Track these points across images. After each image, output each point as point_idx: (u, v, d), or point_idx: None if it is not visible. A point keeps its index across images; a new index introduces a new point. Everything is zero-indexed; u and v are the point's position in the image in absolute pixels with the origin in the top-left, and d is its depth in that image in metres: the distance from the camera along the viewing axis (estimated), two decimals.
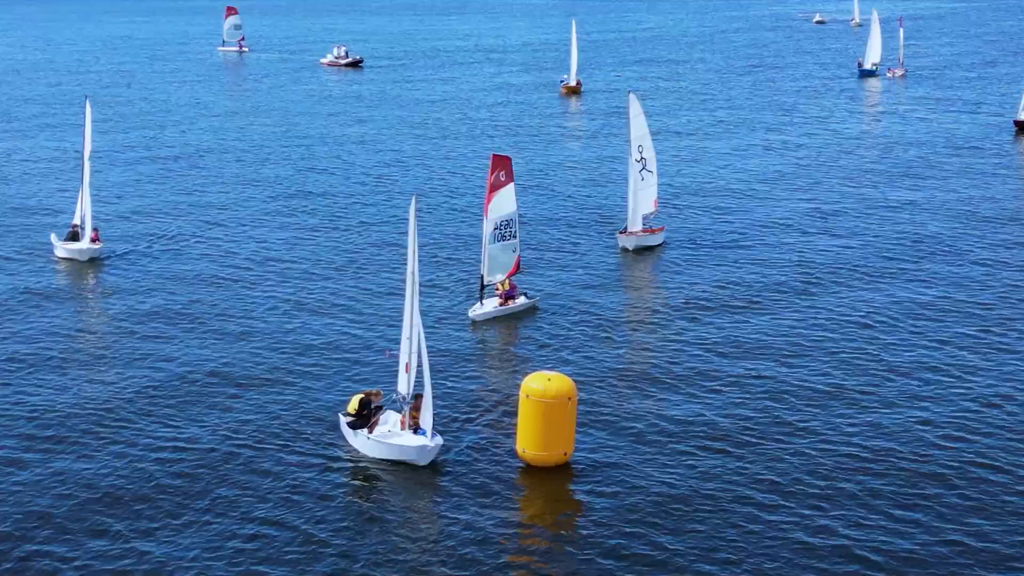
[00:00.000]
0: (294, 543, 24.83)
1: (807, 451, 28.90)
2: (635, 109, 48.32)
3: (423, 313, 39.77)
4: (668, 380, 33.71)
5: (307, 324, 39.37)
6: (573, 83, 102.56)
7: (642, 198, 48.70)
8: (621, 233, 48.91)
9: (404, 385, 29.51)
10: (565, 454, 28.28)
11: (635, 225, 48.77)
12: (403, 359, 29.56)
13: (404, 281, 42.44)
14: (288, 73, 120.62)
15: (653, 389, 33.08)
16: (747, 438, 29.69)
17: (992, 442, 29.13)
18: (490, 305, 40.42)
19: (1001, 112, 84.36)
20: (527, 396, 28.17)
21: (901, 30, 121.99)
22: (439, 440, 28.56)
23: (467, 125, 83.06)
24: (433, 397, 28.64)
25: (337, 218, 54.99)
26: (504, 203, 40.76)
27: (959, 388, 32.66)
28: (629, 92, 50.37)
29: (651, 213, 49.26)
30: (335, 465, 28.68)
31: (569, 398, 28.08)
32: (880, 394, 32.39)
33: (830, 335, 37.28)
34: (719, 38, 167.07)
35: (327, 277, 45.09)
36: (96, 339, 38.33)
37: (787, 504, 26.29)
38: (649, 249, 48.19)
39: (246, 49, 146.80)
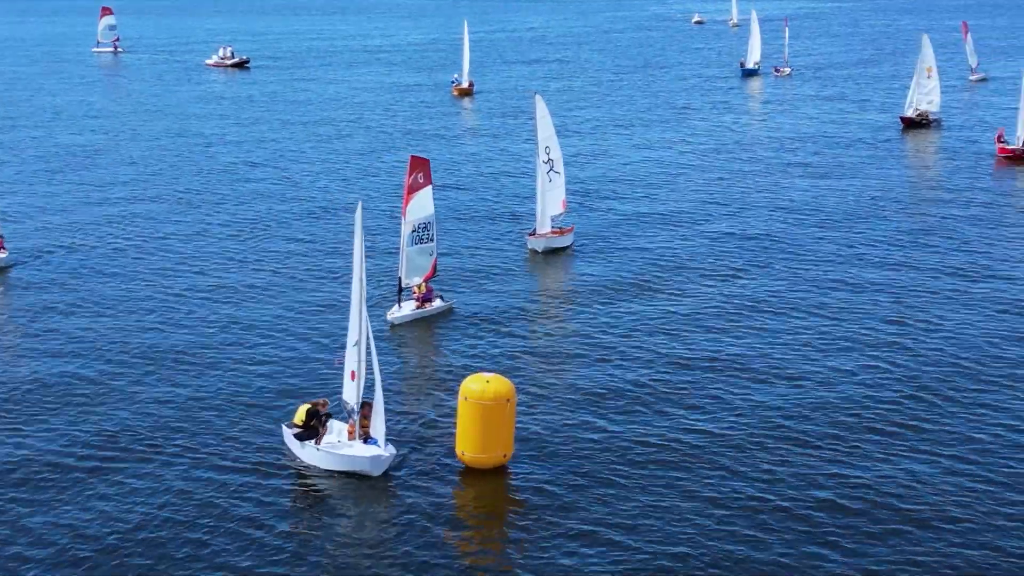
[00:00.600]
0: (242, 555, 24.32)
1: (748, 441, 29.17)
2: (541, 110, 48.09)
3: (342, 316, 39.76)
4: (597, 378, 33.78)
5: (236, 326, 38.68)
6: (465, 84, 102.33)
7: (550, 199, 48.48)
8: (530, 235, 48.65)
9: (350, 394, 28.88)
10: (504, 455, 28.14)
11: (544, 226, 48.56)
12: (348, 367, 28.90)
13: (335, 284, 43.06)
14: (173, 74, 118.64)
15: (582, 385, 33.14)
16: (684, 432, 29.87)
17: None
18: (407, 308, 40.04)
19: (887, 109, 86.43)
20: (465, 398, 27.96)
21: (787, 30, 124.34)
22: (392, 449, 28.04)
23: (366, 126, 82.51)
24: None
25: (250, 220, 54.22)
26: (422, 205, 40.43)
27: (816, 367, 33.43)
28: (535, 93, 50.42)
29: (559, 214, 49.09)
30: (283, 477, 27.88)
31: (508, 400, 27.92)
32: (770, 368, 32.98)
33: (750, 326, 37.79)
34: (604, 38, 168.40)
35: (253, 282, 44.32)
36: (7, 353, 37.15)
37: (733, 493, 26.46)
38: (559, 250, 48.06)
39: (121, 50, 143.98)
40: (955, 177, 60.71)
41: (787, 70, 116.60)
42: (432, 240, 40.91)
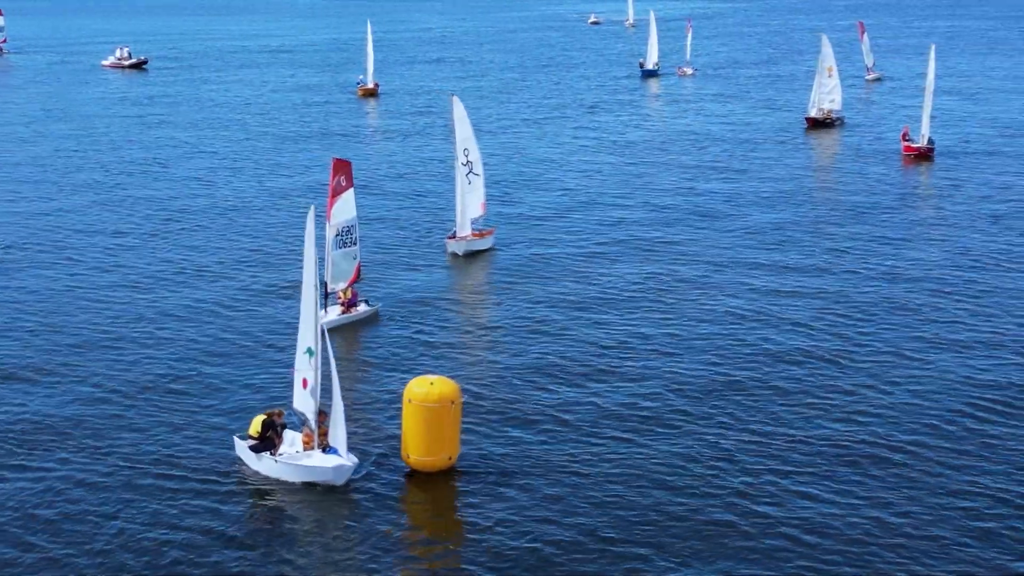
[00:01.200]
0: (197, 570, 23.85)
1: (693, 440, 29.40)
2: (459, 111, 47.50)
3: (267, 323, 39.29)
4: (529, 379, 33.69)
5: (176, 337, 37.72)
6: (371, 85, 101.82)
7: (470, 201, 47.99)
8: (450, 238, 48.07)
9: (302, 402, 28.24)
10: (450, 458, 27.86)
11: (464, 229, 48.02)
12: (300, 374, 28.24)
13: (276, 290, 42.53)
14: (69, 75, 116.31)
15: (519, 385, 33.08)
16: (629, 426, 29.93)
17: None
18: (334, 313, 39.42)
19: (791, 109, 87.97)
20: (410, 401, 27.68)
21: (690, 30, 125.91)
22: (354, 458, 27.40)
23: (273, 128, 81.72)
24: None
25: (172, 222, 53.27)
26: (345, 208, 39.77)
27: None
28: (452, 95, 50.09)
29: (479, 216, 48.64)
30: (237, 492, 27.05)
31: (452, 401, 27.67)
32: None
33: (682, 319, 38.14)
34: (505, 37, 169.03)
35: (179, 286, 43.41)
36: None
37: (679, 488, 26.56)
38: (480, 252, 47.69)
39: (6, 51, 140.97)
40: (863, 175, 61.64)
41: (690, 70, 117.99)
42: (355, 243, 40.23)
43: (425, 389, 27.61)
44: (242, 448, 28.29)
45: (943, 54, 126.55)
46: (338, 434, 27.06)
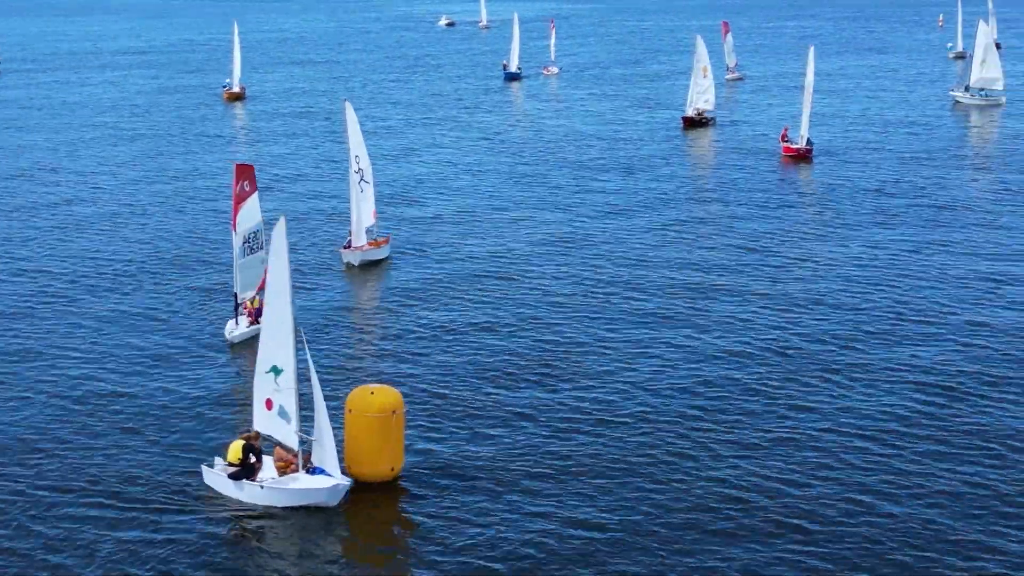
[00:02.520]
0: None
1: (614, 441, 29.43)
2: (351, 117, 45.99)
3: (178, 334, 38.13)
4: (456, 385, 33.36)
5: (102, 350, 36.41)
6: (237, 88, 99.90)
7: (364, 210, 46.66)
8: (344, 248, 46.64)
9: (265, 424, 27.04)
10: (392, 469, 27.27)
11: (360, 238, 46.69)
12: (264, 394, 27.05)
13: (196, 301, 41.47)
14: None
15: (448, 392, 32.73)
16: (561, 428, 29.87)
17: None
18: (243, 324, 38.23)
19: (666, 107, 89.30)
20: (350, 411, 27.13)
21: (553, 30, 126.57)
22: (348, 479, 26.32)
23: (149, 131, 79.74)
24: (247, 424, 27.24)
25: (68, 229, 51.75)
26: (250, 214, 38.55)
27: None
28: (344, 100, 49.26)
29: (372, 224, 47.32)
30: (209, 516, 25.82)
31: (394, 411, 27.12)
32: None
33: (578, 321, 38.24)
34: (364, 38, 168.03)
35: (91, 294, 42.06)
36: None
37: (617, 494, 26.55)
38: (376, 262, 46.53)
39: None
40: (743, 176, 62.57)
41: (555, 69, 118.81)
42: (262, 248, 38.95)
43: (365, 398, 27.08)
44: (215, 476, 26.78)
45: (800, 54, 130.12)
46: (326, 453, 26.06)
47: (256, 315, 38.28)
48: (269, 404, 26.92)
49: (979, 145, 73.66)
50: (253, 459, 26.38)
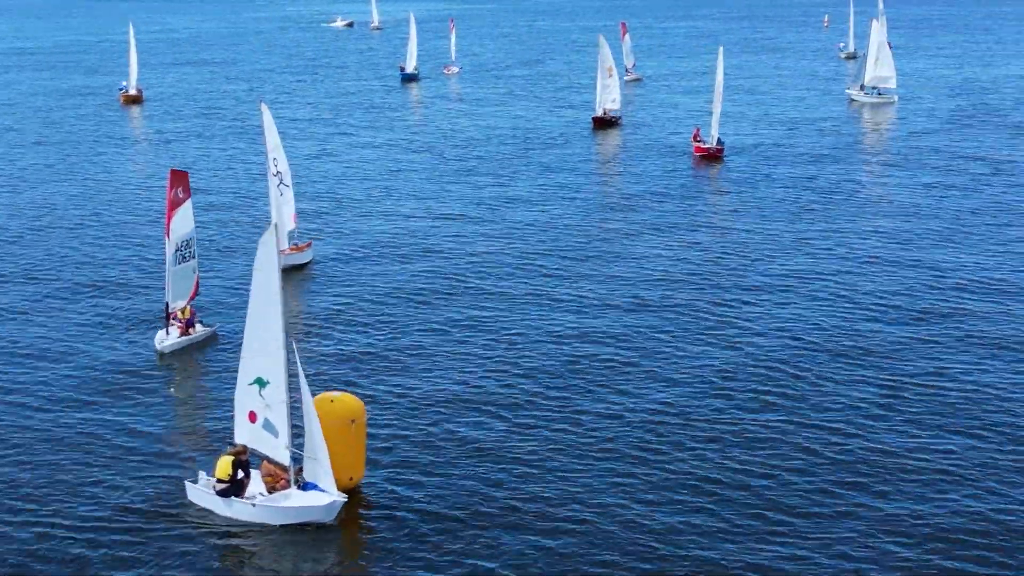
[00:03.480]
0: None
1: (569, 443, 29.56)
2: (268, 120, 45.09)
3: (99, 345, 37.33)
4: (386, 394, 33.18)
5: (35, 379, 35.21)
6: (134, 91, 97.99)
7: (285, 214, 45.70)
8: None
9: (247, 437, 26.20)
10: (351, 479, 26.74)
11: (281, 244, 45.03)
12: (244, 407, 26.31)
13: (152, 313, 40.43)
14: None
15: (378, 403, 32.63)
16: (514, 437, 29.89)
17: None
18: (173, 335, 37.43)
19: (574, 107, 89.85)
20: None
21: (453, 29, 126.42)
22: (343, 495, 25.61)
23: (53, 134, 77.83)
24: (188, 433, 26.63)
25: None
26: (184, 221, 38.00)
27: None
28: (261, 102, 48.56)
29: (292, 229, 46.46)
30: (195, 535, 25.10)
31: (353, 420, 26.68)
32: None
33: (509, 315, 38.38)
34: (259, 39, 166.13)
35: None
36: None
37: (578, 501, 26.47)
38: (299, 268, 45.89)
39: None
40: (656, 176, 63.02)
41: (455, 69, 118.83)
42: (194, 257, 38.65)
43: (325, 407, 26.53)
44: (201, 492, 26.01)
45: (695, 54, 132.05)
46: (321, 469, 25.40)
47: (187, 325, 37.81)
48: (253, 417, 26.23)
49: (877, 142, 75.20)
50: (241, 475, 25.68)
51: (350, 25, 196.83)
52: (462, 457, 28.75)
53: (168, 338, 37.34)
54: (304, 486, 25.75)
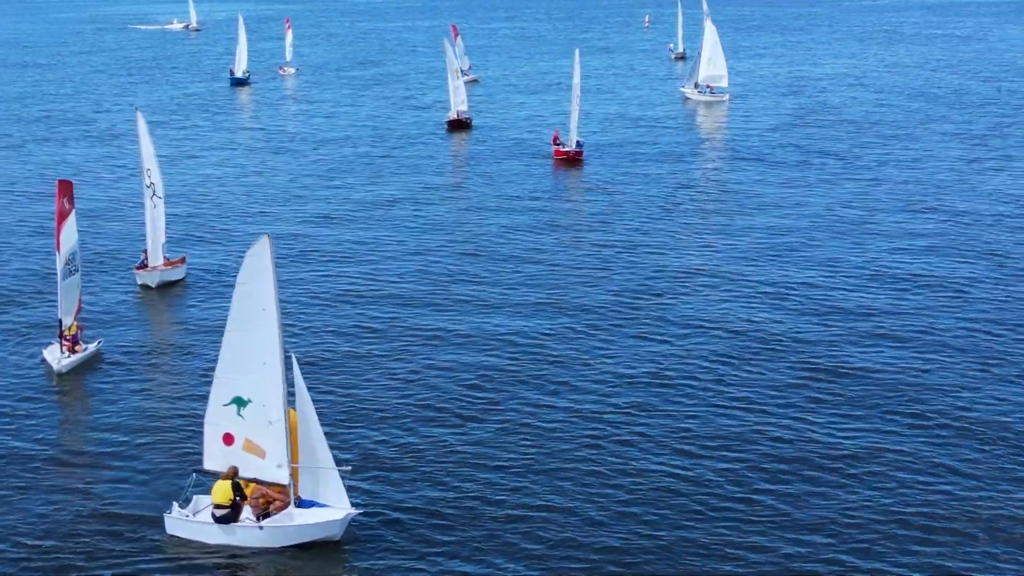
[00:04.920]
0: None
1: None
2: (142, 128, 43.49)
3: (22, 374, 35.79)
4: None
5: None
6: None
7: (157, 227, 44.19)
8: (139, 268, 44.14)
9: (221, 461, 25.07)
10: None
11: (156, 258, 44.12)
12: (218, 429, 24.98)
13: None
14: None
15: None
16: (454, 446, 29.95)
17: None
18: (58, 353, 35.74)
19: (426, 108, 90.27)
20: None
21: (289, 30, 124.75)
22: (355, 508, 24.96)
23: None
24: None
25: None
26: (70, 234, 36.66)
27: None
28: (135, 109, 47.40)
29: (165, 242, 44.78)
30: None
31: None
32: None
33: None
34: (82, 41, 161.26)
35: None
36: None
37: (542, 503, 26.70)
38: (172, 284, 44.16)
39: None
40: (517, 179, 63.35)
41: (292, 70, 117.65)
42: (78, 271, 37.29)
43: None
44: (188, 523, 24.82)
45: (525, 55, 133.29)
46: (330, 484, 24.65)
47: (73, 342, 36.28)
48: (229, 439, 25.15)
49: (723, 139, 77.09)
50: (238, 498, 24.78)
51: (191, 28, 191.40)
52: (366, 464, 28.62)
53: (64, 357, 35.78)
54: (300, 503, 25.02)
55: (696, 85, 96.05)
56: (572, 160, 67.45)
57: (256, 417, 24.86)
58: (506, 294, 42.45)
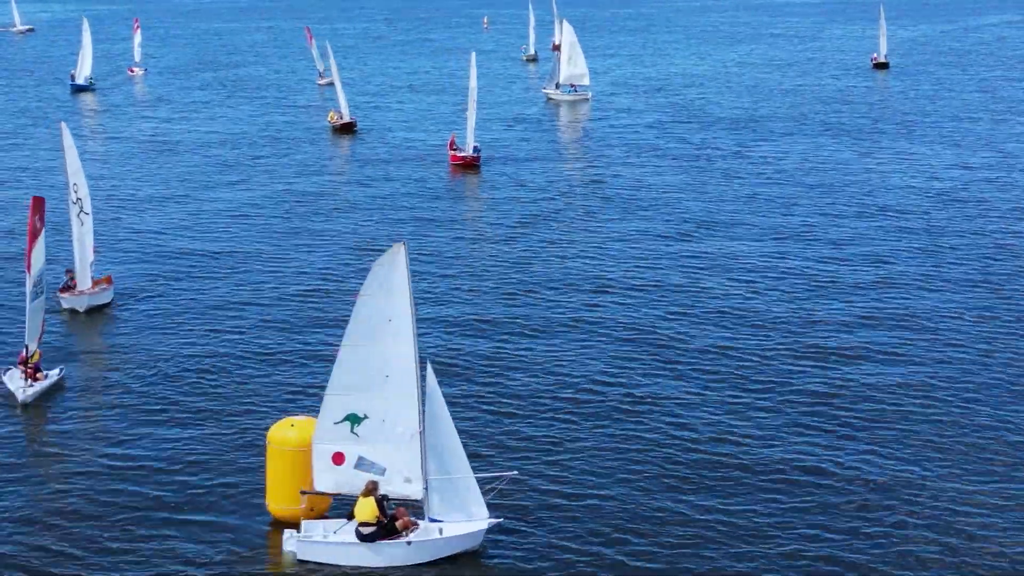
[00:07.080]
0: None
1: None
2: (68, 141, 41.95)
3: None
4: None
5: None
6: None
7: (86, 245, 42.38)
8: (63, 291, 41.84)
9: (331, 482, 25.01)
10: (312, 508, 26.36)
11: (85, 281, 41.90)
12: (329, 449, 24.84)
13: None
14: None
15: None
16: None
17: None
18: (19, 379, 34.31)
19: (301, 110, 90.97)
20: (269, 444, 26.49)
21: (138, 31, 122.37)
22: (493, 519, 24.89)
23: None
24: None
25: None
26: (40, 254, 35.79)
27: None
28: (61, 122, 44.94)
29: (91, 261, 42.90)
30: None
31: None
32: None
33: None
34: None
35: None
36: None
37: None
38: (100, 308, 41.96)
39: None
40: (411, 185, 63.39)
41: (140, 71, 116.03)
42: (44, 293, 36.09)
43: (284, 432, 26.42)
44: (321, 546, 24.59)
45: (385, 56, 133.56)
46: (471, 494, 24.70)
47: (35, 371, 34.63)
48: (339, 458, 25.05)
49: (590, 136, 79.44)
50: (383, 515, 24.60)
51: (31, 30, 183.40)
52: None
53: (27, 386, 34.18)
54: (430, 519, 24.97)
55: (558, 85, 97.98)
56: (469, 165, 67.33)
57: (373, 433, 24.98)
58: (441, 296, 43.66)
